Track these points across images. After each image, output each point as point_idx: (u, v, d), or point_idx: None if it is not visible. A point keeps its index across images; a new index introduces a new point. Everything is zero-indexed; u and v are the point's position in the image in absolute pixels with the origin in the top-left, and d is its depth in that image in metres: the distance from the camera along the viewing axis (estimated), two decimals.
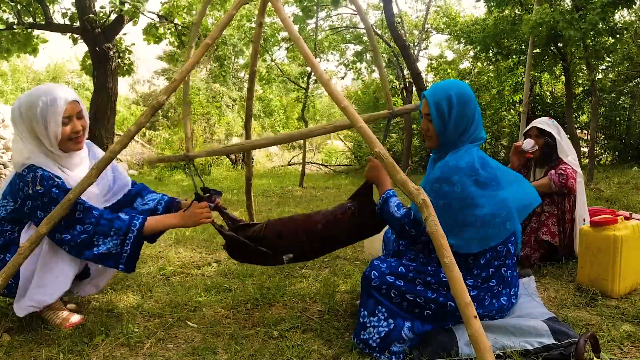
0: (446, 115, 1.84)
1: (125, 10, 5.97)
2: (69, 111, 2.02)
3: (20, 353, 1.88)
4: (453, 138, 1.86)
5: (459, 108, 1.83)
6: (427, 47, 14.75)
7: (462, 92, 1.85)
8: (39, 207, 1.93)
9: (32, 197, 1.93)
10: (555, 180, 2.78)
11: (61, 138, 2.01)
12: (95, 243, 1.97)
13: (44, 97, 1.98)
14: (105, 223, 1.98)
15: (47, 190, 1.92)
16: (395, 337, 1.79)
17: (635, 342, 1.88)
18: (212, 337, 2.03)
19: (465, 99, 1.84)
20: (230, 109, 17.98)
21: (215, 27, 2.06)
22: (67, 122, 2.02)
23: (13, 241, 2.03)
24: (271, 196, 6.77)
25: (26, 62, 21.37)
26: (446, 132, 1.86)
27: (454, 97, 1.83)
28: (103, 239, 1.97)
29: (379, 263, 1.89)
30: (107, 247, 1.98)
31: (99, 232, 1.96)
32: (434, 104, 1.85)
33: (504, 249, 1.87)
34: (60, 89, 2.04)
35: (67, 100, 2.01)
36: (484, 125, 11.37)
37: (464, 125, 1.85)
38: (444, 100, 1.84)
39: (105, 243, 1.98)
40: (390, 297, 1.82)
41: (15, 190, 1.98)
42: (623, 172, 7.91)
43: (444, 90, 1.86)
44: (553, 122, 2.98)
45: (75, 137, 2.05)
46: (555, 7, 6.38)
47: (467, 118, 1.85)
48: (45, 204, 1.92)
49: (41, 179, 1.93)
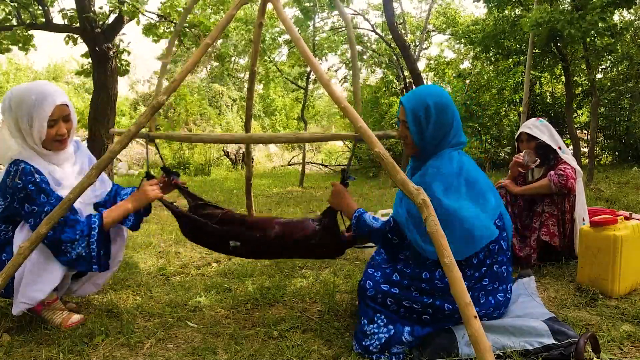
0: (423, 123, 1.84)
1: (125, 10, 5.96)
2: (56, 114, 2.01)
3: (20, 353, 1.88)
4: (431, 145, 1.87)
5: (437, 116, 1.83)
6: (427, 47, 14.75)
7: (440, 99, 1.84)
8: (17, 200, 1.94)
9: (13, 191, 1.94)
10: (555, 181, 2.78)
11: (45, 139, 2.01)
12: (64, 250, 1.96)
13: (34, 95, 1.97)
14: (69, 230, 1.97)
15: (24, 185, 1.93)
16: (396, 342, 1.79)
17: (635, 342, 1.88)
18: (212, 337, 2.03)
19: (443, 106, 1.84)
20: (230, 109, 17.99)
21: (215, 27, 2.06)
22: (52, 125, 2.01)
23: (8, 241, 2.03)
24: (271, 196, 6.77)
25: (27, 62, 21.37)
26: (424, 140, 1.86)
27: (431, 105, 1.82)
28: (71, 245, 1.97)
29: (373, 272, 1.90)
30: (77, 252, 1.98)
31: (65, 239, 1.95)
32: (411, 111, 1.85)
33: (496, 247, 1.86)
34: (51, 90, 2.03)
35: (55, 103, 2.00)
36: (484, 125, 11.37)
37: (442, 133, 1.85)
38: (421, 108, 1.83)
39: (74, 249, 1.97)
40: (386, 305, 1.83)
41: (3, 187, 1.99)
42: (623, 172, 7.91)
43: (421, 97, 1.85)
44: (541, 121, 2.98)
45: (59, 139, 2.05)
46: (555, 7, 6.38)
47: (445, 125, 1.85)
48: (22, 199, 1.92)
49: (22, 172, 1.94)
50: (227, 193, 7.12)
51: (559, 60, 8.09)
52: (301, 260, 3.14)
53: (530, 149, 2.94)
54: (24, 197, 1.93)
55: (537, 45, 7.40)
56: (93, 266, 2.02)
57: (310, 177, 10.37)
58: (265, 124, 21.11)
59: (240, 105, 18.55)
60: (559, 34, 6.12)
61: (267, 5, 2.56)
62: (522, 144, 3.00)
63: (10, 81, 19.51)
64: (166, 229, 4.16)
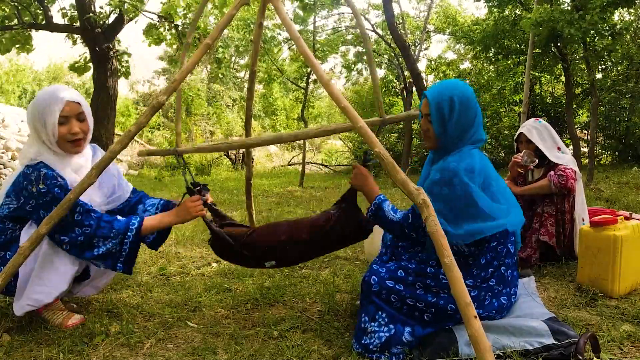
0: (447, 117, 1.82)
1: (125, 10, 5.97)
2: (67, 111, 2.02)
3: (20, 353, 1.88)
4: (452, 140, 1.85)
5: (460, 111, 1.81)
6: (427, 48, 14.75)
7: (464, 94, 1.82)
8: (41, 205, 1.93)
9: (34, 196, 1.93)
10: (555, 181, 2.78)
11: (59, 138, 2.01)
12: (96, 245, 1.98)
13: (47, 95, 2.01)
14: (105, 225, 1.99)
15: (50, 190, 1.93)
16: (396, 342, 1.79)
17: (635, 342, 1.88)
18: (212, 337, 2.03)
19: (467, 101, 1.82)
20: (230, 109, 17.99)
21: (215, 27, 2.06)
22: (63, 122, 2.02)
23: (14, 239, 2.03)
24: (271, 196, 6.77)
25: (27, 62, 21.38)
26: (446, 134, 1.84)
27: (456, 99, 1.81)
28: (103, 241, 1.98)
29: (378, 267, 1.89)
30: (107, 248, 1.99)
31: (99, 235, 1.97)
32: (435, 105, 1.83)
33: (504, 249, 1.87)
34: (63, 89, 2.05)
35: (65, 100, 2.01)
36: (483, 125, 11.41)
37: (464, 128, 1.83)
38: (446, 102, 1.81)
39: (105, 244, 1.98)
40: (390, 301, 1.82)
41: (19, 189, 1.98)
42: (623, 172, 7.91)
43: (445, 91, 1.83)
44: (540, 122, 2.97)
45: (72, 139, 2.05)
46: (555, 7, 6.38)
47: (467, 121, 1.83)
48: (48, 202, 1.92)
49: (44, 177, 1.94)
50: (227, 193, 7.12)
51: (559, 60, 8.09)
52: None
53: (529, 150, 2.94)
54: (50, 201, 1.91)
55: (537, 45, 7.40)
56: (118, 265, 2.02)
57: (310, 177, 10.37)
58: (266, 123, 21.12)
59: (240, 105, 18.55)
60: (559, 33, 6.12)
61: (267, 4, 2.56)
62: (522, 144, 3.00)
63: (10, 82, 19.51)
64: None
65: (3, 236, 2.04)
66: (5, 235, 2.04)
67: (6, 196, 2.04)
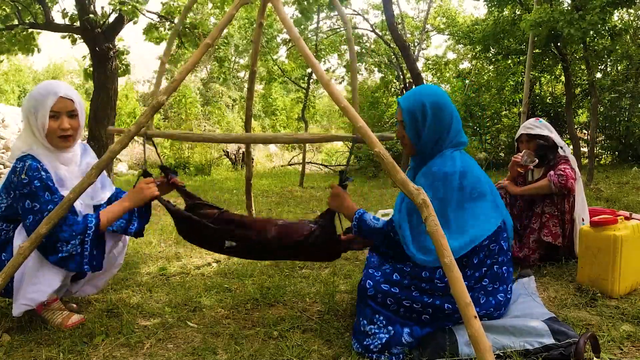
0: (420, 123, 1.84)
1: (125, 10, 5.96)
2: (58, 107, 2.03)
3: (20, 353, 1.88)
4: (429, 146, 1.87)
5: (434, 116, 1.83)
6: (427, 47, 14.74)
7: (436, 98, 1.83)
8: (20, 197, 1.94)
9: (16, 186, 1.94)
10: (554, 181, 2.78)
11: (48, 132, 2.02)
12: (59, 249, 1.95)
13: (42, 89, 2.03)
14: (66, 229, 1.96)
15: (30, 181, 1.93)
16: (396, 343, 1.79)
17: (635, 342, 1.88)
18: (212, 337, 2.03)
19: (440, 105, 1.83)
20: (230, 109, 17.99)
21: (215, 27, 2.06)
22: (54, 117, 2.02)
23: (8, 240, 2.03)
24: (271, 196, 6.77)
25: (26, 62, 21.38)
26: (420, 140, 1.86)
27: (428, 105, 1.82)
28: (65, 245, 1.95)
29: (373, 272, 1.89)
30: (68, 250, 1.96)
31: (62, 238, 1.94)
32: (408, 111, 1.85)
33: (497, 247, 1.86)
34: (56, 84, 2.07)
35: (57, 95, 2.02)
36: (484, 125, 11.34)
37: (439, 134, 1.85)
38: (418, 108, 1.83)
39: (66, 247, 1.96)
40: (386, 305, 1.83)
41: (8, 183, 2.00)
42: (623, 172, 7.91)
43: (417, 97, 1.85)
44: (540, 121, 2.98)
45: (61, 134, 2.05)
46: (555, 7, 6.39)
47: (442, 125, 1.84)
48: (25, 195, 1.92)
49: (28, 168, 1.95)
50: (227, 193, 7.12)
51: (559, 60, 8.09)
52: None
53: (530, 150, 2.94)
54: (28, 193, 1.92)
55: (537, 45, 7.40)
56: (84, 266, 2.00)
57: (310, 177, 10.37)
58: (266, 123, 21.11)
59: (240, 105, 18.55)
60: (558, 33, 6.12)
61: (267, 5, 2.56)
62: (522, 144, 3.00)
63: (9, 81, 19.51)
64: (166, 229, 4.16)
65: None
66: (0, 236, 2.04)
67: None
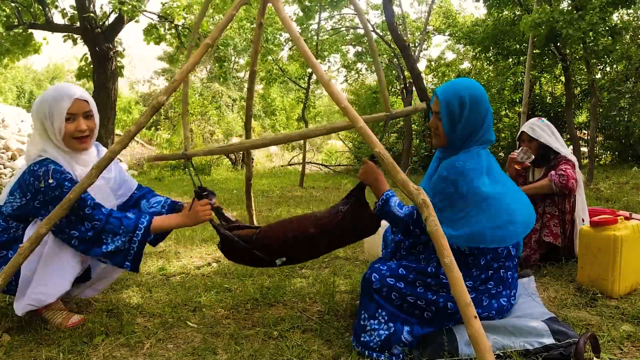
0: (457, 116, 1.81)
1: (125, 10, 5.96)
2: (74, 108, 2.03)
3: (20, 353, 1.88)
4: (461, 139, 1.84)
5: (471, 110, 1.80)
6: (428, 48, 14.74)
7: (476, 93, 1.81)
8: (49, 201, 1.93)
9: (43, 191, 1.93)
10: (555, 180, 2.78)
11: (65, 135, 2.02)
12: (104, 241, 1.98)
13: (54, 92, 2.03)
14: (114, 221, 1.99)
15: (60, 183, 1.93)
16: (395, 341, 1.79)
17: (635, 342, 1.88)
18: (212, 337, 2.03)
19: (478, 100, 1.81)
20: (230, 109, 17.98)
21: (215, 28, 2.06)
22: (70, 119, 2.03)
23: (17, 239, 2.03)
24: (271, 196, 6.77)
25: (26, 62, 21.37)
26: (455, 132, 1.83)
27: (467, 98, 1.80)
28: (112, 237, 1.99)
29: (379, 265, 1.89)
30: (116, 245, 1.99)
31: (108, 230, 1.98)
32: (445, 103, 1.82)
33: (504, 251, 1.86)
34: (70, 87, 2.07)
35: (73, 97, 2.02)
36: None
37: (473, 127, 1.82)
38: (456, 100, 1.80)
39: (114, 241, 1.99)
40: (391, 299, 1.82)
41: (25, 185, 1.98)
42: (623, 172, 7.92)
43: (456, 90, 1.82)
44: (543, 121, 2.97)
45: (79, 135, 2.06)
46: (555, 7, 6.39)
47: (477, 120, 1.82)
48: (57, 197, 1.92)
49: (53, 172, 1.95)
50: (228, 193, 7.12)
51: (559, 61, 8.09)
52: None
53: (531, 149, 2.94)
54: (60, 196, 1.90)
55: (537, 46, 7.40)
56: (126, 262, 2.03)
57: (310, 177, 10.37)
58: (266, 123, 21.11)
59: (240, 105, 18.54)
60: (558, 33, 6.12)
61: (267, 5, 2.56)
62: (524, 143, 3.00)
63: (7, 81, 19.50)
64: None
65: (6, 235, 2.04)
66: (8, 234, 2.04)
67: (10, 194, 2.04)
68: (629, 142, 10.21)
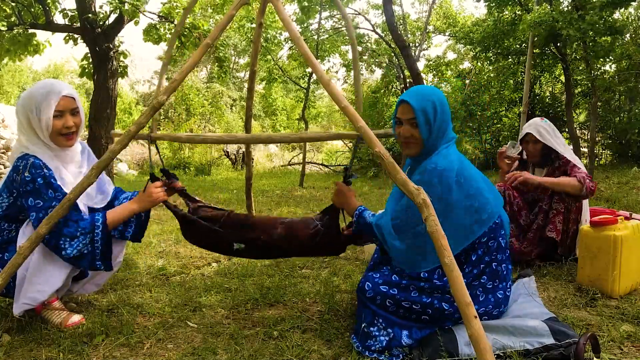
0: (432, 120, 1.86)
1: (125, 10, 5.96)
2: (62, 105, 2.04)
3: (20, 353, 1.88)
4: (435, 142, 1.89)
5: (441, 112, 1.88)
6: (428, 48, 14.75)
7: (442, 97, 1.91)
8: (23, 194, 1.94)
9: (19, 183, 1.95)
10: (588, 186, 2.74)
11: (52, 131, 2.03)
12: (62, 246, 1.95)
13: (41, 89, 2.02)
14: (72, 224, 1.97)
15: (33, 179, 1.94)
16: (396, 345, 1.81)
17: (635, 342, 1.88)
18: (212, 337, 2.03)
19: (445, 102, 1.91)
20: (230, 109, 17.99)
21: (215, 28, 2.06)
22: (58, 116, 2.03)
23: (11, 240, 2.03)
24: (271, 196, 6.77)
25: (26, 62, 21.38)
26: (431, 137, 1.88)
27: (437, 102, 1.88)
28: (70, 242, 1.96)
29: (372, 274, 1.91)
30: (78, 249, 1.97)
31: (66, 233, 1.95)
32: (421, 110, 1.86)
33: (495, 244, 1.87)
34: (58, 84, 2.07)
35: (61, 94, 2.03)
36: (483, 125, 11.33)
37: (444, 129, 1.90)
38: (430, 105, 1.86)
39: (71, 245, 1.96)
40: (385, 306, 1.83)
41: (9, 182, 2.00)
42: (623, 172, 7.91)
43: (426, 95, 1.88)
44: (545, 121, 2.97)
45: (66, 132, 2.06)
46: (555, 7, 6.39)
47: (447, 121, 1.91)
48: (28, 192, 1.93)
49: (31, 166, 1.95)
50: (227, 193, 7.12)
51: (559, 60, 8.09)
52: (301, 260, 3.14)
53: (537, 150, 2.94)
54: (31, 191, 1.93)
55: (537, 45, 7.40)
56: (96, 262, 2.02)
57: (310, 177, 10.37)
58: (266, 123, 21.11)
59: (240, 105, 18.55)
60: (558, 33, 6.13)
61: (267, 4, 2.56)
62: (529, 144, 2.98)
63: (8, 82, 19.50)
64: (166, 229, 4.16)
65: (0, 237, 2.04)
66: (1, 236, 2.05)
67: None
68: (628, 142, 10.21)
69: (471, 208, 1.82)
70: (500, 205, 1.94)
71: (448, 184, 1.78)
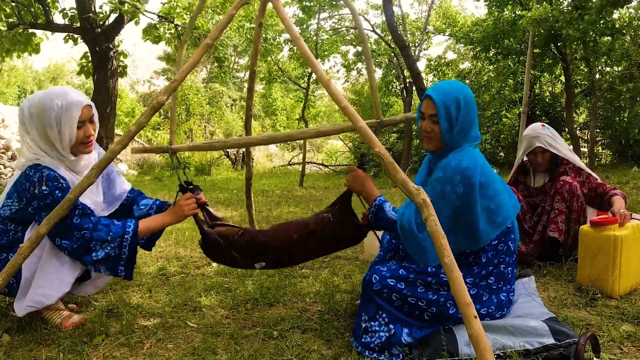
0: (454, 117, 1.84)
1: (125, 10, 5.97)
2: (84, 116, 2.03)
3: (20, 353, 1.88)
4: (456, 140, 1.87)
5: (465, 110, 1.84)
6: (428, 48, 14.74)
7: (468, 94, 1.87)
8: (42, 208, 1.93)
9: (37, 197, 1.93)
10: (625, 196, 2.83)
11: (75, 142, 2.02)
12: (93, 248, 1.96)
13: (58, 100, 1.97)
14: (102, 228, 1.97)
15: (51, 191, 1.93)
16: (395, 342, 1.80)
17: (635, 342, 1.88)
18: (212, 337, 2.03)
19: (470, 101, 1.87)
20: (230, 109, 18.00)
21: (215, 28, 2.06)
22: (80, 127, 2.03)
23: (17, 241, 2.03)
24: (271, 196, 6.77)
25: (26, 62, 21.36)
26: (452, 134, 1.86)
27: (462, 100, 1.84)
28: (101, 245, 1.96)
29: (379, 267, 1.89)
30: (106, 252, 1.97)
31: (96, 237, 1.95)
32: (443, 105, 1.84)
33: (504, 247, 1.88)
34: (74, 93, 2.04)
35: (82, 105, 2.02)
36: (483, 125, 11.34)
37: (467, 127, 1.87)
38: (453, 102, 1.83)
39: (103, 248, 1.97)
40: (391, 300, 1.82)
41: (21, 190, 1.98)
42: (623, 172, 7.91)
43: (451, 92, 1.85)
44: (548, 128, 2.97)
45: (86, 141, 2.07)
46: (555, 6, 6.39)
47: (470, 120, 1.87)
48: (48, 205, 1.92)
49: (47, 179, 1.93)
50: (227, 193, 7.12)
51: (559, 60, 8.09)
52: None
53: (545, 160, 2.94)
54: (51, 204, 1.90)
55: (537, 45, 7.40)
56: (119, 268, 2.01)
57: (310, 177, 10.37)
58: (266, 123, 21.12)
59: (240, 105, 18.56)
60: (558, 33, 6.13)
61: (267, 4, 2.56)
62: (537, 155, 2.95)
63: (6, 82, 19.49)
64: (166, 229, 4.16)
65: (5, 237, 2.04)
66: (7, 237, 2.04)
67: (7, 197, 2.04)
68: (628, 142, 10.22)
69: (488, 209, 1.81)
70: (516, 210, 1.93)
71: (470, 183, 1.77)
